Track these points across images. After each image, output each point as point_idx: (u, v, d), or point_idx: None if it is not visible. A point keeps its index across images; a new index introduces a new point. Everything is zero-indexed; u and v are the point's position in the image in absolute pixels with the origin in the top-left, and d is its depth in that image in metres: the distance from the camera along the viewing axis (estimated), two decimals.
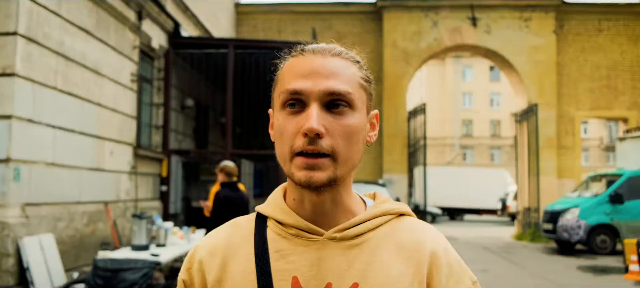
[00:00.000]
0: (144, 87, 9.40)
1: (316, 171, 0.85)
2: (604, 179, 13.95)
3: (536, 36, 16.34)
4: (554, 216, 13.26)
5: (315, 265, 0.88)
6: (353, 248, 0.89)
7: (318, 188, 0.86)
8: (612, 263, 11.12)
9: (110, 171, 7.74)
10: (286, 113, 0.88)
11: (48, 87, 6.13)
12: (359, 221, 0.92)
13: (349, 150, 0.87)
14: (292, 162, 0.86)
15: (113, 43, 7.81)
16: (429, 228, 0.96)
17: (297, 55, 0.93)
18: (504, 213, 27.58)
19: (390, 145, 15.94)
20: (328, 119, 0.86)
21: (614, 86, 16.61)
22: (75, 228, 6.69)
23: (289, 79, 0.89)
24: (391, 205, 0.97)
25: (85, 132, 7.01)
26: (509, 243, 15.42)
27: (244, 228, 0.97)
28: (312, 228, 0.90)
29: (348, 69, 0.90)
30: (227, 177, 5.82)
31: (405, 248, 0.91)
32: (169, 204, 9.75)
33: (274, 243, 0.92)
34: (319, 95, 0.86)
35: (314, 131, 0.83)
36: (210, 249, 0.96)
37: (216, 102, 13.51)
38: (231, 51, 10.11)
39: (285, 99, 0.88)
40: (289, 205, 0.94)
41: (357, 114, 0.89)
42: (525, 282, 8.81)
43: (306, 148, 0.84)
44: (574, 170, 16.47)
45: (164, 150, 9.82)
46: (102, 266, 5.08)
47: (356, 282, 0.87)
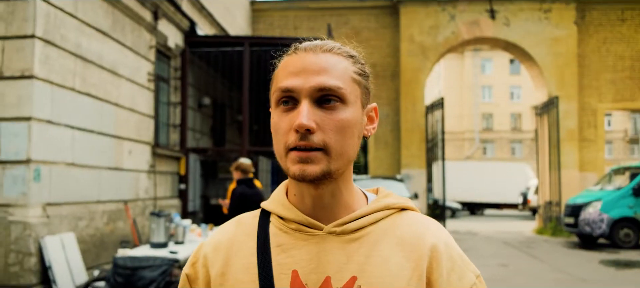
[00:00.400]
0: (161, 86, 9.49)
1: (309, 164, 0.86)
2: (628, 172, 13.73)
3: (556, 28, 16.07)
4: (575, 210, 13.10)
5: (315, 259, 0.90)
6: (352, 242, 0.91)
7: (313, 181, 0.88)
8: (636, 257, 10.94)
9: (129, 170, 7.84)
10: (280, 111, 0.90)
11: (66, 88, 6.22)
12: (358, 215, 0.93)
13: (343, 144, 0.89)
14: (287, 157, 0.88)
15: (129, 43, 7.89)
16: (431, 223, 0.97)
17: (291, 54, 0.94)
18: (525, 208, 27.30)
19: (408, 140, 15.85)
20: (319, 115, 0.87)
21: (638, 77, 16.24)
22: (95, 227, 6.79)
23: (282, 77, 0.91)
24: (393, 200, 0.97)
25: (103, 132, 7.10)
26: (529, 238, 15.26)
27: (248, 225, 1.00)
28: (311, 222, 0.92)
29: (339, 64, 0.91)
30: (242, 174, 5.86)
31: (405, 242, 0.91)
32: (187, 202, 9.83)
33: (275, 238, 0.94)
34: (309, 91, 0.88)
35: (304, 127, 0.85)
36: (215, 245, 0.99)
37: (233, 100, 13.58)
38: (247, 49, 10.15)
39: (279, 96, 0.90)
40: (290, 200, 0.96)
41: (349, 108, 0.90)
42: (546, 276, 8.70)
43: (298, 143, 0.86)
44: (596, 163, 16.18)
45: (182, 148, 9.90)
46: (122, 264, 5.14)
47: (355, 275, 0.88)
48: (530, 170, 28.80)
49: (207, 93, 11.49)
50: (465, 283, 0.91)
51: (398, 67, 16.18)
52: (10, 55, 5.62)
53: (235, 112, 13.66)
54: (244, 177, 5.93)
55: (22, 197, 5.53)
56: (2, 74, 5.62)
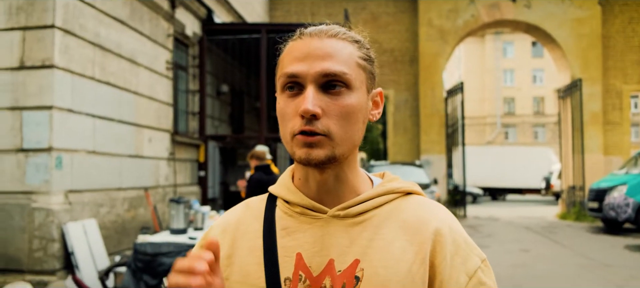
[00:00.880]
0: (180, 74, 9.56)
1: (314, 148, 0.87)
2: None
3: (579, 8, 15.71)
4: (599, 194, 12.87)
5: (319, 242, 0.91)
6: (356, 225, 0.92)
7: (318, 165, 0.89)
8: None
9: (149, 158, 7.94)
10: (286, 96, 0.91)
11: (86, 77, 6.31)
12: (362, 199, 0.94)
13: (347, 129, 0.89)
14: (292, 141, 0.89)
15: (147, 32, 7.96)
16: (436, 207, 0.97)
17: (296, 39, 0.95)
18: (548, 193, 26.93)
19: (427, 126, 15.73)
20: (324, 100, 0.88)
21: None
22: (116, 214, 6.91)
23: (287, 62, 0.92)
24: (398, 184, 0.98)
25: (123, 120, 7.20)
26: (552, 223, 15.07)
27: (255, 208, 1.02)
28: (316, 206, 0.93)
29: (345, 50, 0.91)
30: (258, 161, 5.91)
31: (409, 226, 0.92)
32: (207, 189, 9.94)
33: (281, 221, 0.96)
34: (314, 77, 0.88)
35: (310, 112, 0.85)
36: (223, 227, 1.02)
37: (251, 87, 13.62)
38: (264, 36, 10.15)
39: (284, 82, 0.91)
40: (295, 184, 0.98)
41: (354, 93, 0.90)
42: (568, 261, 8.58)
43: (303, 128, 0.87)
44: (622, 147, 15.87)
45: (201, 136, 9.99)
46: (142, 250, 5.23)
47: (357, 258, 0.89)
48: (553, 155, 28.40)
49: (225, 80, 11.55)
50: (470, 266, 0.90)
51: (417, 52, 16.03)
52: (31, 45, 5.72)
53: (253, 99, 13.72)
54: (260, 164, 5.98)
55: (44, 184, 5.65)
56: (23, 64, 5.72)
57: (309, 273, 0.90)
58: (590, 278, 7.32)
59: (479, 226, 13.84)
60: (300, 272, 0.90)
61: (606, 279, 7.22)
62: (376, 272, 0.87)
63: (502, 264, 8.06)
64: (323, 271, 0.89)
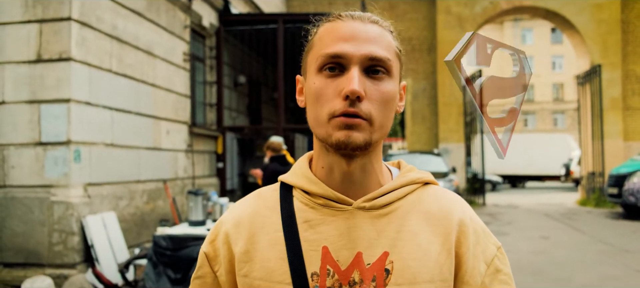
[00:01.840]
0: (197, 66, 9.53)
1: (355, 131, 0.84)
2: None
3: None
4: (619, 180, 12.76)
5: (345, 235, 0.87)
6: (382, 217, 0.89)
7: (354, 149, 0.85)
8: None
9: (167, 150, 7.94)
10: (324, 76, 0.87)
11: (103, 69, 6.30)
12: (387, 190, 0.91)
13: (385, 116, 0.87)
14: (329, 123, 0.85)
15: (164, 23, 7.92)
16: (455, 197, 0.97)
17: (335, 20, 0.92)
18: (568, 179, 26.64)
19: (445, 114, 15.60)
20: (367, 84, 0.85)
21: None
22: (136, 206, 6.92)
23: (329, 42, 0.88)
24: (417, 174, 0.96)
25: (141, 112, 7.19)
26: (571, 210, 14.96)
27: (268, 199, 0.97)
28: (340, 197, 0.89)
29: (386, 37, 0.90)
30: (274, 152, 5.92)
31: (433, 217, 0.91)
32: (225, 180, 9.93)
33: (301, 213, 0.91)
34: (360, 59, 0.85)
35: (356, 93, 0.82)
36: (235, 221, 0.95)
37: (268, 78, 13.58)
38: (281, 26, 10.08)
39: (325, 62, 0.87)
40: (315, 173, 0.93)
41: (393, 81, 0.89)
42: (588, 248, 8.50)
43: (347, 110, 0.83)
44: None
45: (219, 127, 9.97)
46: (162, 242, 5.22)
47: (386, 250, 0.87)
48: (573, 141, 28.02)
49: (242, 71, 11.51)
50: (488, 255, 0.92)
51: (435, 40, 15.86)
52: (47, 38, 5.71)
53: (270, 90, 13.68)
54: (276, 155, 5.97)
55: (63, 177, 5.66)
56: (40, 57, 5.72)
57: (337, 267, 0.86)
58: (610, 263, 7.26)
59: (499, 214, 13.72)
60: (328, 266, 0.86)
61: (625, 265, 7.15)
62: (407, 265, 0.86)
63: (522, 251, 7.99)
64: (351, 264, 0.86)
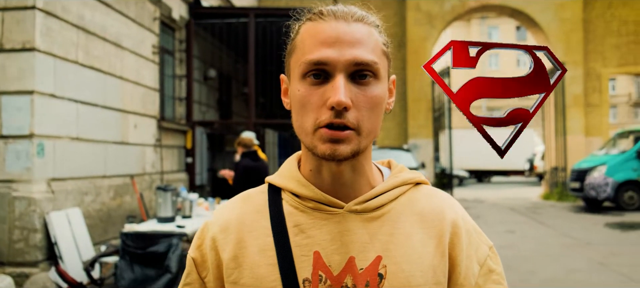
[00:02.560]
0: (166, 59, 9.35)
1: (341, 144, 0.80)
2: (632, 136, 13.88)
3: None
4: (581, 174, 13.24)
5: (337, 239, 0.85)
6: (374, 220, 0.86)
7: (341, 161, 0.82)
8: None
9: (135, 144, 7.77)
10: (308, 84, 0.82)
11: (69, 61, 6.11)
12: (378, 192, 0.88)
13: (374, 121, 0.83)
14: (315, 134, 0.81)
15: (133, 15, 7.74)
16: (446, 197, 0.95)
17: (317, 20, 0.86)
18: (532, 174, 27.34)
19: (415, 110, 15.77)
20: (354, 91, 0.81)
21: None
22: (102, 202, 6.75)
23: (311, 46, 0.83)
24: (409, 175, 0.94)
25: (108, 105, 7.01)
26: (536, 204, 15.39)
27: (256, 202, 0.93)
28: (331, 200, 0.86)
29: (372, 36, 0.85)
30: (245, 148, 5.87)
31: (426, 219, 0.89)
32: (195, 176, 9.79)
33: (292, 217, 0.88)
34: (345, 65, 0.80)
35: (343, 105, 0.78)
36: (222, 225, 0.91)
37: (239, 72, 13.44)
38: (252, 20, 9.98)
39: (308, 69, 0.82)
40: (304, 175, 0.90)
41: (381, 83, 0.85)
42: (553, 241, 8.77)
43: (333, 121, 0.79)
44: (601, 128, 16.30)
45: (188, 122, 9.82)
46: (129, 239, 5.10)
47: (379, 254, 0.84)
48: (536, 136, 28.74)
49: (212, 65, 11.35)
50: (481, 255, 0.90)
51: (404, 36, 16.00)
52: (10, 27, 5.50)
53: (241, 85, 13.54)
54: (247, 150, 5.91)
55: (25, 172, 5.47)
56: (2, 47, 5.50)
57: (329, 272, 0.84)
58: (574, 256, 7.48)
59: (466, 208, 13.85)
60: (320, 272, 0.84)
61: (588, 257, 7.38)
62: (400, 268, 0.84)
63: None
64: (343, 270, 0.84)
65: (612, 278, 6.19)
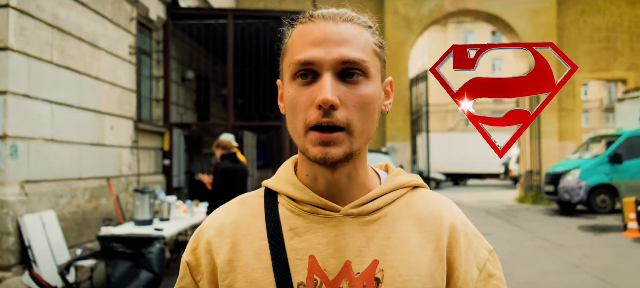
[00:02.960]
0: (143, 59, 9.24)
1: (332, 147, 0.79)
2: (604, 140, 14.15)
3: None
4: (555, 178, 13.48)
5: (333, 243, 0.84)
6: (371, 224, 0.85)
7: (334, 164, 0.81)
8: (612, 222, 11.37)
9: (111, 146, 7.65)
10: (297, 84, 0.82)
11: (44, 61, 5.99)
12: (375, 195, 0.87)
13: (365, 121, 0.82)
14: (306, 136, 0.81)
15: (109, 15, 7.62)
16: (445, 200, 0.94)
17: (306, 22, 0.86)
18: (507, 177, 27.73)
19: (393, 113, 15.89)
20: (342, 89, 0.80)
21: (613, 48, 16.77)
22: (77, 205, 6.63)
23: (299, 48, 0.83)
24: (406, 178, 0.93)
25: (84, 106, 6.89)
26: (511, 206, 15.61)
27: (252, 205, 0.92)
28: (328, 204, 0.85)
29: (361, 35, 0.84)
30: (224, 150, 5.83)
31: (424, 222, 0.88)
32: (172, 178, 9.69)
33: (287, 220, 0.87)
34: (332, 64, 0.80)
35: (329, 102, 0.77)
36: (217, 229, 0.90)
37: (217, 74, 13.35)
38: (231, 21, 9.92)
39: (296, 69, 0.82)
40: (301, 180, 0.89)
41: (371, 82, 0.83)
42: (528, 243, 8.91)
43: (321, 121, 0.79)
44: (574, 132, 16.66)
45: (166, 123, 9.71)
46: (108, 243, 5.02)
47: (376, 258, 0.83)
48: None
49: (190, 66, 11.25)
50: (480, 260, 0.90)
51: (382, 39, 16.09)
52: None
53: (219, 86, 13.45)
54: (226, 153, 5.87)
55: None
56: None
57: (325, 277, 0.83)
58: (549, 259, 7.61)
59: None
60: (315, 276, 0.83)
61: (563, 259, 7.53)
62: (397, 273, 0.83)
63: None
64: (339, 274, 0.83)
65: (586, 281, 6.31)
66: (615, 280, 6.25)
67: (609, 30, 16.64)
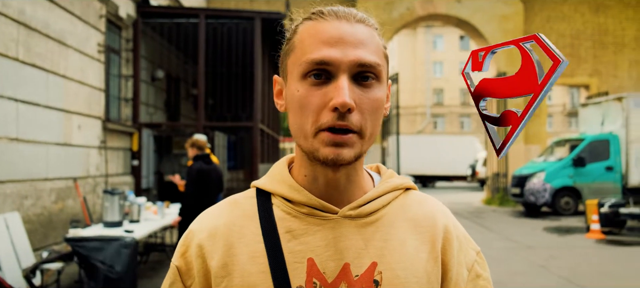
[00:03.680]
0: (112, 58, 9.06)
1: (344, 148, 0.78)
2: (568, 144, 14.53)
3: (505, 5, 16.61)
4: (521, 180, 13.78)
5: (332, 245, 0.82)
6: (368, 226, 0.85)
7: (344, 165, 0.81)
8: (575, 223, 11.68)
9: (78, 146, 7.47)
10: (308, 84, 0.80)
11: (9, 58, 5.81)
12: (371, 197, 0.87)
13: (375, 124, 0.82)
14: (316, 137, 0.79)
15: (78, 12, 7.45)
16: (436, 202, 0.95)
17: (317, 19, 0.83)
18: (474, 179, 28.16)
19: None
20: (357, 92, 0.79)
21: (577, 54, 17.22)
22: (43, 206, 6.45)
23: (312, 46, 0.80)
24: (399, 180, 0.93)
25: (50, 105, 6.72)
26: (478, 208, 15.87)
27: (245, 207, 0.89)
28: (325, 206, 0.84)
29: (374, 38, 0.83)
30: (199, 150, 5.75)
31: (419, 224, 0.88)
32: (141, 179, 9.53)
33: (283, 222, 0.85)
34: (349, 65, 0.78)
35: (347, 106, 0.76)
36: (210, 232, 0.87)
37: (188, 74, 13.19)
38: (202, 21, 9.82)
39: (309, 69, 0.79)
40: (297, 181, 0.87)
41: (382, 86, 0.83)
42: (496, 244, 9.06)
43: (336, 123, 0.77)
44: (540, 136, 17.07)
45: (135, 123, 9.54)
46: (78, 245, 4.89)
47: (374, 261, 0.82)
48: (478, 143, 29.66)
49: (160, 66, 11.08)
50: (469, 260, 0.91)
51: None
52: None
53: (190, 86, 13.30)
54: (201, 153, 5.80)
55: None
56: None
57: (324, 279, 0.81)
58: (516, 259, 7.77)
59: None
60: (314, 279, 0.81)
61: (530, 260, 7.70)
62: (396, 275, 0.82)
63: None
64: (338, 276, 0.82)
65: (552, 281, 6.47)
66: (580, 280, 6.42)
67: (573, 38, 17.15)
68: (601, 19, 17.28)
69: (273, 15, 10.20)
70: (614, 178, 13.07)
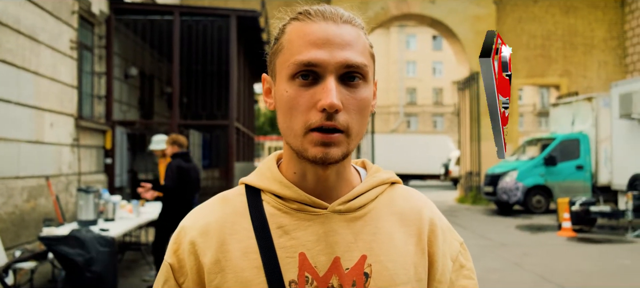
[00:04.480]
0: (85, 55, 8.89)
1: (332, 147, 0.80)
2: (539, 143, 14.80)
3: (478, 6, 16.84)
4: (494, 179, 14.00)
5: (322, 240, 0.85)
6: (357, 220, 0.87)
7: (332, 163, 0.83)
8: (547, 221, 11.92)
9: (50, 144, 7.32)
10: (297, 85, 0.82)
11: None
12: (359, 192, 0.89)
13: (362, 124, 0.84)
14: (305, 137, 0.81)
15: (49, 7, 7.30)
16: (420, 196, 0.98)
17: (304, 20, 0.85)
18: (447, 178, 28.50)
19: None
20: (344, 93, 0.81)
21: (548, 55, 17.59)
22: (14, 205, 6.31)
23: (300, 47, 0.82)
24: (385, 175, 0.95)
25: (21, 102, 6.57)
26: (452, 207, 16.07)
27: (236, 204, 0.90)
28: (315, 202, 0.86)
29: (360, 38, 0.85)
30: (179, 147, 5.71)
31: (405, 218, 0.91)
32: (114, 177, 9.38)
33: (274, 218, 0.87)
34: (335, 67, 0.80)
35: (335, 107, 0.78)
36: (202, 228, 0.88)
37: (162, 71, 13.03)
38: (177, 18, 9.72)
39: (296, 70, 0.81)
40: (287, 177, 0.89)
41: (369, 86, 0.85)
42: (468, 242, 9.01)
43: (324, 123, 0.79)
44: (512, 135, 17.34)
45: (108, 121, 9.39)
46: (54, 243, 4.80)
47: (364, 254, 0.85)
48: (451, 142, 30.05)
49: (134, 63, 10.92)
50: (453, 251, 0.94)
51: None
52: None
53: (164, 84, 13.14)
54: (180, 151, 5.76)
55: None
56: None
57: (315, 273, 0.83)
58: (491, 257, 7.92)
59: None
60: (306, 273, 0.83)
61: (504, 258, 7.85)
62: (385, 267, 0.85)
63: None
64: (329, 270, 0.84)
65: (526, 278, 6.60)
66: (553, 277, 6.58)
67: (544, 38, 17.51)
68: (571, 20, 17.68)
69: (249, 13, 10.15)
70: (584, 177, 13.38)
